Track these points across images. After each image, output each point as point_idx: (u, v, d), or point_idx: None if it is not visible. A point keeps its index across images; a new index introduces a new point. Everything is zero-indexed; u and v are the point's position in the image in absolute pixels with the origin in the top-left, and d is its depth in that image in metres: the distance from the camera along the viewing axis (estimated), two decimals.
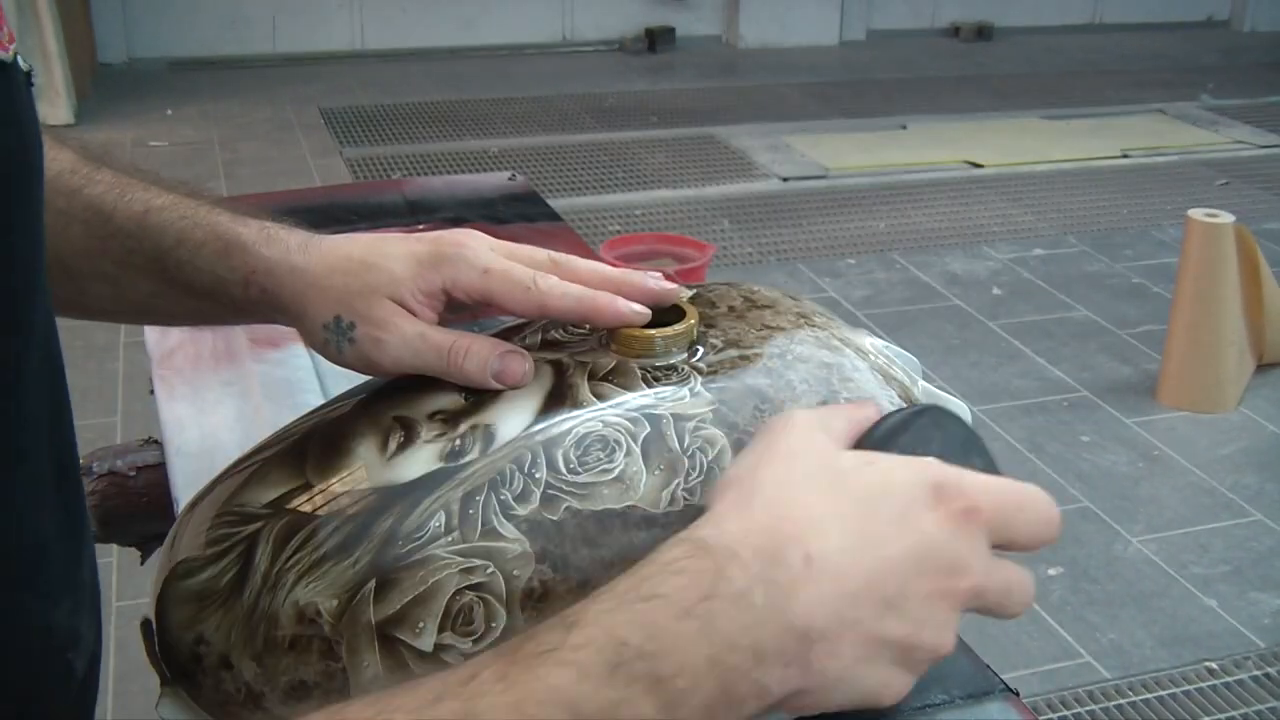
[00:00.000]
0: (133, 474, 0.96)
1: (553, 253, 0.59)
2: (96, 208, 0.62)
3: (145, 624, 0.53)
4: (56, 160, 0.62)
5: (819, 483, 0.46)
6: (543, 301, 0.56)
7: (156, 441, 0.88)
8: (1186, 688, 1.94)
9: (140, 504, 0.89)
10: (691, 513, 0.51)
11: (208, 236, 0.60)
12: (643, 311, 0.57)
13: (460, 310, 0.59)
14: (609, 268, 0.59)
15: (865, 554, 0.44)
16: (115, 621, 1.99)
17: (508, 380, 0.54)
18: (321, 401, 0.63)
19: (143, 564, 0.88)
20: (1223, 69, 5.77)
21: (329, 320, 0.58)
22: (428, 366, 0.55)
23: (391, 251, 0.58)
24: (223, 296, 0.61)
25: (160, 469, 0.84)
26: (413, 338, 0.56)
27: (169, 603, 0.52)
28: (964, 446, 0.52)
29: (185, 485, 0.80)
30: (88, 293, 0.63)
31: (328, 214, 1.15)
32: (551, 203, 1.27)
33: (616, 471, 0.51)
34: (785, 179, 4.13)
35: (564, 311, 0.56)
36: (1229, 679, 1.96)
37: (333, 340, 0.58)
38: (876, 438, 0.50)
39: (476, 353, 0.54)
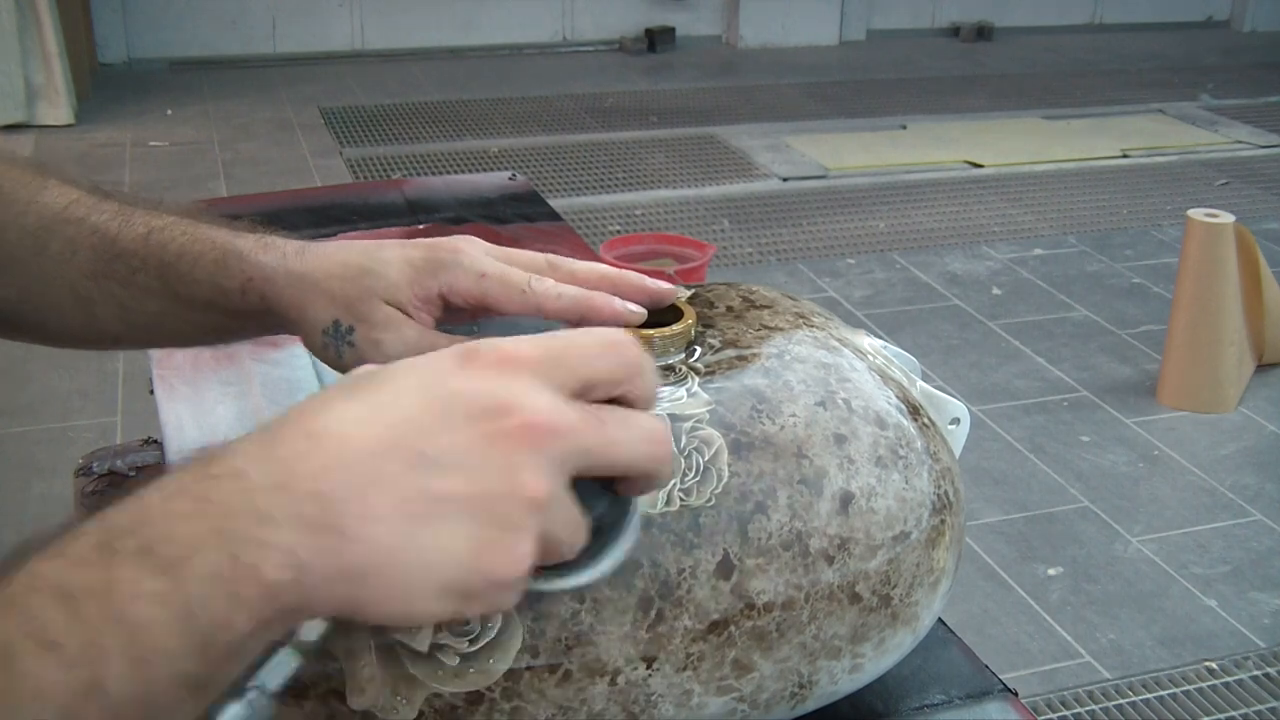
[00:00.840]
0: (133, 474, 0.96)
1: (550, 255, 0.59)
2: (102, 233, 0.63)
3: None
4: (65, 194, 0.65)
5: (339, 388, 0.42)
6: (539, 304, 0.56)
7: (157, 441, 0.88)
8: (1186, 688, 1.94)
9: None
10: (687, 513, 0.51)
11: (206, 248, 0.61)
12: (639, 311, 0.57)
13: (457, 315, 0.59)
14: (607, 268, 0.59)
15: (379, 418, 0.40)
16: None
17: None
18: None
19: None
20: (1223, 69, 5.76)
21: (328, 325, 0.58)
22: None
23: (387, 257, 0.58)
24: (223, 306, 0.61)
25: (160, 469, 0.84)
26: (414, 341, 0.56)
27: None
28: None
29: None
30: (97, 317, 0.65)
31: (328, 214, 1.15)
32: (551, 203, 1.27)
33: None
34: (785, 179, 4.13)
35: (560, 312, 0.56)
36: (1229, 679, 1.95)
37: (332, 345, 0.58)
38: None
39: None
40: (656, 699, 0.50)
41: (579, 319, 0.56)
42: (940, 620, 0.64)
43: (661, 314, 0.59)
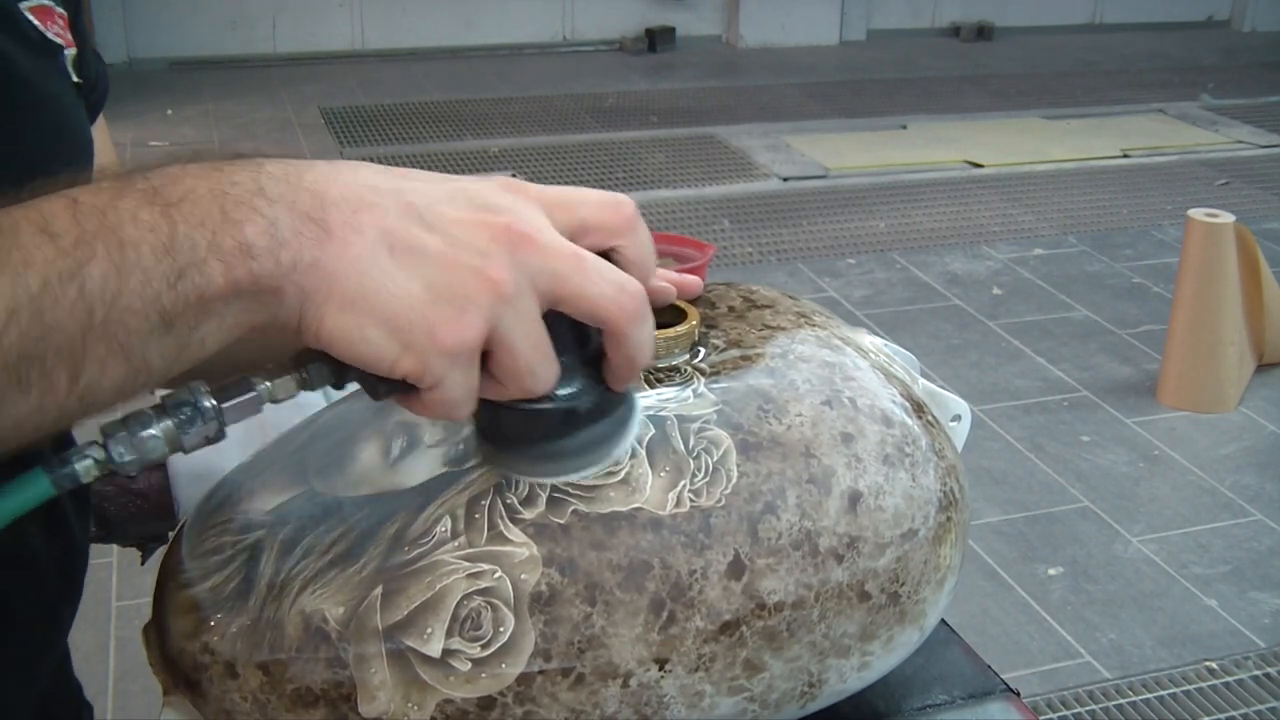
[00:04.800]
0: (133, 474, 0.96)
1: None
2: None
3: (147, 632, 0.53)
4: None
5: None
6: None
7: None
8: (1186, 688, 1.94)
9: (140, 505, 0.89)
10: (698, 514, 0.51)
11: None
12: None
13: None
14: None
15: (397, 177, 0.45)
16: (115, 622, 1.99)
17: None
18: (324, 405, 0.63)
19: (143, 564, 0.88)
20: (1223, 69, 5.77)
21: None
22: None
23: None
24: None
25: (160, 469, 0.84)
26: None
27: (171, 611, 0.52)
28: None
29: (186, 486, 0.80)
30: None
31: None
32: None
33: (622, 474, 0.51)
34: (785, 179, 4.13)
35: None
36: (1229, 679, 1.96)
37: None
38: None
39: None
40: (669, 701, 0.50)
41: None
42: (942, 620, 0.64)
43: (664, 314, 0.59)
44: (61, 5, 0.62)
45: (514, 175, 1.33)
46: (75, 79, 0.61)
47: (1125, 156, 4.45)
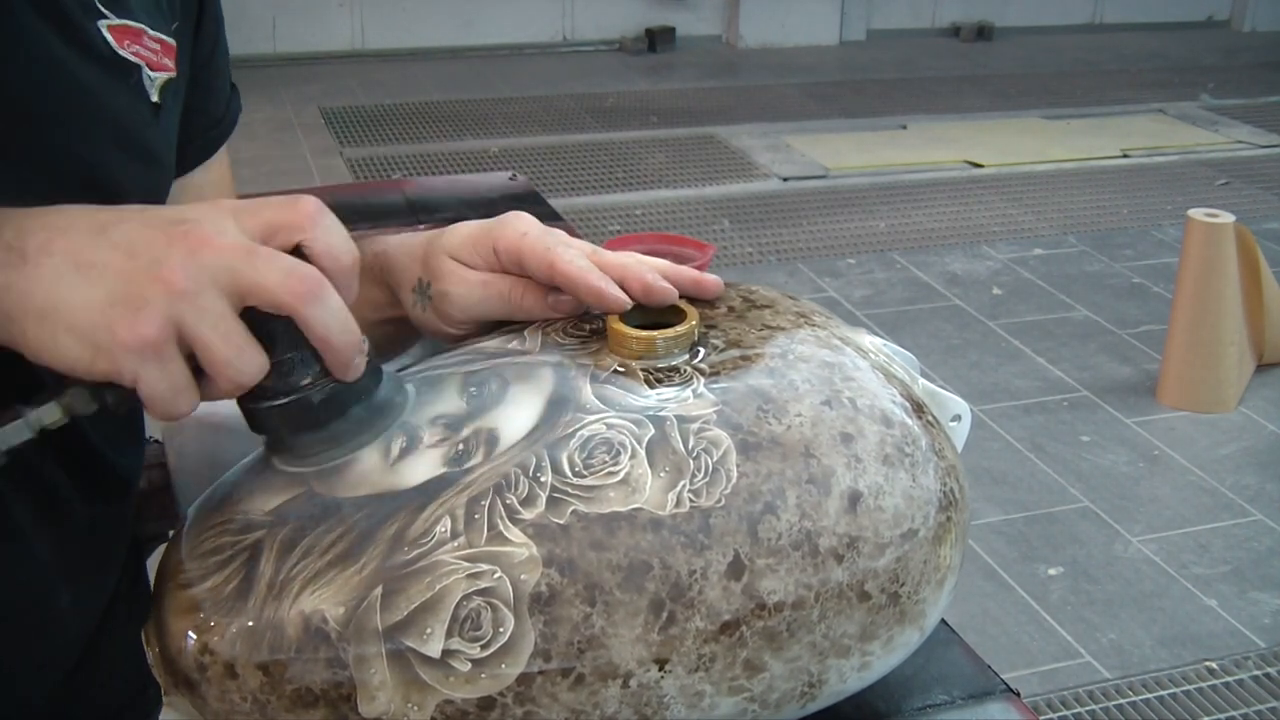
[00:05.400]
0: None
1: (593, 247, 0.64)
2: None
3: (146, 632, 0.53)
4: None
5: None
6: (551, 263, 0.61)
7: (158, 441, 0.88)
8: (1186, 688, 1.94)
9: (140, 504, 0.89)
10: (698, 514, 0.51)
11: None
12: (621, 298, 0.59)
13: (504, 271, 0.64)
14: (634, 259, 0.62)
15: (97, 211, 0.50)
16: None
17: (562, 308, 0.62)
18: None
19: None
20: (1223, 69, 5.76)
21: (415, 283, 0.66)
22: (492, 310, 0.63)
23: (456, 225, 0.67)
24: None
25: (161, 469, 0.84)
26: (476, 284, 0.64)
27: (170, 611, 0.52)
28: None
29: (186, 486, 0.80)
30: None
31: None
32: (552, 203, 1.27)
33: (622, 474, 0.51)
34: (785, 179, 4.13)
35: (564, 276, 0.61)
36: (1229, 679, 1.96)
37: (419, 301, 0.66)
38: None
39: (533, 288, 0.62)
40: (669, 701, 0.50)
41: (572, 290, 0.61)
42: (943, 620, 0.64)
43: (664, 315, 0.59)
44: (175, 36, 0.68)
45: (514, 176, 1.33)
46: (154, 99, 0.66)
47: (1125, 156, 4.45)
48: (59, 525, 0.67)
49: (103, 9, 0.64)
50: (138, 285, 0.47)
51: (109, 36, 0.63)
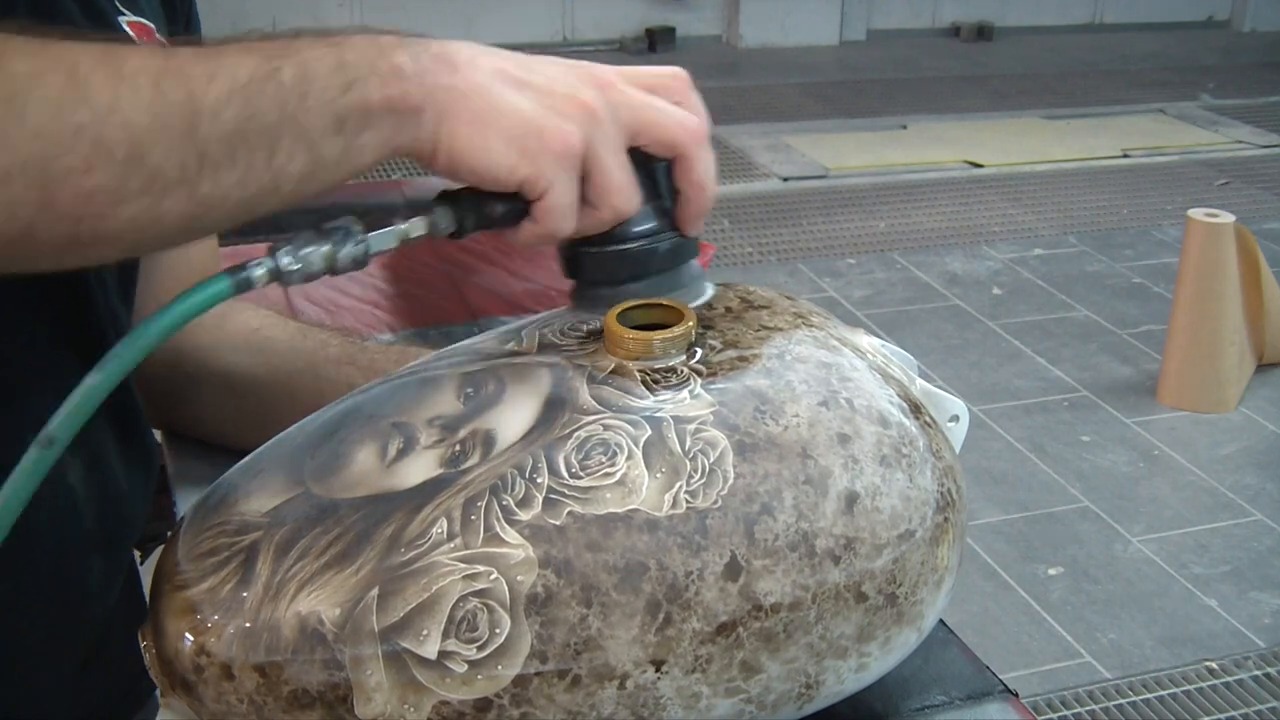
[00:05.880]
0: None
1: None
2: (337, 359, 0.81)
3: (143, 633, 0.53)
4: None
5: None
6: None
7: (157, 442, 0.88)
8: (1186, 688, 1.94)
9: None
10: (694, 516, 0.51)
11: None
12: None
13: None
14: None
15: (505, 53, 0.55)
16: None
17: None
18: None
19: (142, 564, 0.88)
20: (1223, 69, 5.76)
21: None
22: None
23: None
24: None
25: (161, 468, 0.84)
26: None
27: (167, 613, 0.52)
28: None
29: (185, 486, 0.80)
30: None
31: (327, 214, 1.15)
32: None
33: (618, 475, 0.51)
34: (785, 179, 4.13)
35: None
36: (1229, 679, 1.96)
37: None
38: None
39: None
40: (665, 702, 0.50)
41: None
42: (941, 621, 0.64)
43: (660, 315, 0.59)
44: (167, 37, 0.71)
45: None
46: None
47: (1125, 156, 4.45)
48: (102, 489, 0.68)
49: (120, 6, 0.67)
50: (562, 103, 0.53)
51: (130, 34, 0.66)
